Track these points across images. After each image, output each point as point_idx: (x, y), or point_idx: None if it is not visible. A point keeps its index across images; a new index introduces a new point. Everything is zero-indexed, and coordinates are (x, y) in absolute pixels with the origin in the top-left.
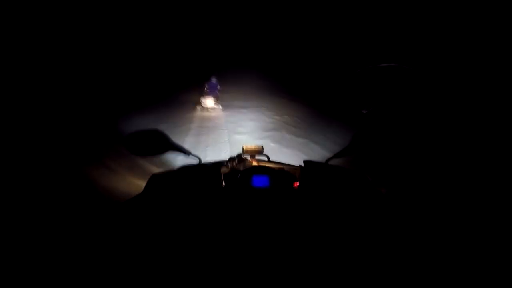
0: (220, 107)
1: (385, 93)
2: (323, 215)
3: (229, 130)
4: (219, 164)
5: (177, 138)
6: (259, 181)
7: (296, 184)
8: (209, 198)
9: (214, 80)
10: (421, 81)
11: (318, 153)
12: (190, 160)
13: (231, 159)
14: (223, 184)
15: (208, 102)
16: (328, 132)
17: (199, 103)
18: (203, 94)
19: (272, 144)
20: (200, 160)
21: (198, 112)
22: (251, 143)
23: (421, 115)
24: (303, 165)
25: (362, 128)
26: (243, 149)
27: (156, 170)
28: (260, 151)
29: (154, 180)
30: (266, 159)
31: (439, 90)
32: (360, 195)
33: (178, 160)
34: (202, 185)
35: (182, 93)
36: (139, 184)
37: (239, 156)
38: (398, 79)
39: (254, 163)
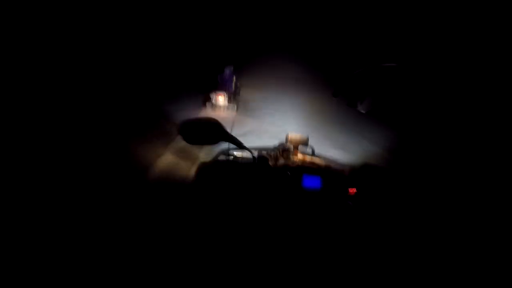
0: (235, 107)
1: (387, 93)
2: (380, 229)
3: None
4: (261, 152)
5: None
6: (311, 182)
7: (352, 190)
8: (258, 194)
9: (228, 71)
10: (422, 81)
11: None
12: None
13: (275, 147)
14: (272, 179)
15: (219, 99)
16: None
17: (208, 100)
18: (214, 89)
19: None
20: (251, 152)
21: (204, 112)
22: (295, 133)
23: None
24: (353, 164)
25: (404, 130)
26: (286, 137)
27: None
28: (305, 142)
29: (204, 170)
30: (310, 151)
31: (440, 91)
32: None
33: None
34: (252, 177)
35: (190, 88)
36: (185, 165)
37: (283, 145)
38: (399, 79)
39: (299, 156)
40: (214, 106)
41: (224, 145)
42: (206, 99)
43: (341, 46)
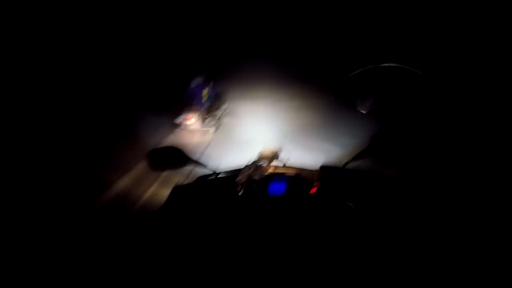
0: (214, 125)
1: (387, 93)
2: (339, 222)
3: None
4: (235, 173)
5: None
6: (275, 190)
7: (313, 190)
8: (226, 210)
9: (196, 81)
10: (423, 82)
11: (336, 155)
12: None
13: (247, 167)
14: (239, 194)
15: (190, 121)
16: (346, 133)
17: (177, 123)
18: (183, 107)
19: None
20: (214, 171)
21: (173, 139)
22: (267, 148)
23: (423, 115)
24: (321, 169)
25: (377, 128)
26: (259, 155)
27: (176, 178)
28: (276, 157)
29: (176, 193)
30: (281, 164)
31: (441, 91)
32: (378, 199)
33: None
34: (219, 197)
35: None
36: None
37: (254, 163)
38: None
39: (271, 170)
40: (186, 129)
41: (199, 170)
42: (174, 124)
43: (341, 46)
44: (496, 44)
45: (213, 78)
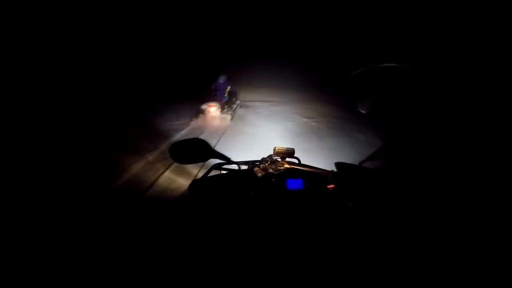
0: (229, 115)
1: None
2: (357, 217)
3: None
4: (252, 166)
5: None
6: (294, 184)
7: (330, 186)
8: (245, 202)
9: (222, 79)
10: (423, 81)
11: (349, 157)
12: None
13: (263, 160)
14: (259, 187)
15: (211, 109)
16: (359, 135)
17: (202, 111)
18: (208, 97)
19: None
20: (239, 166)
21: (196, 122)
22: (282, 145)
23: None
24: (335, 169)
25: (392, 130)
26: (274, 150)
27: (195, 170)
28: (291, 154)
29: (195, 186)
30: (296, 161)
31: (441, 91)
32: (389, 197)
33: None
34: (238, 188)
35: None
36: (179, 181)
37: (270, 157)
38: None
39: (286, 166)
40: (208, 116)
41: (214, 161)
42: (199, 109)
43: (340, 46)
44: (496, 43)
45: (231, 79)
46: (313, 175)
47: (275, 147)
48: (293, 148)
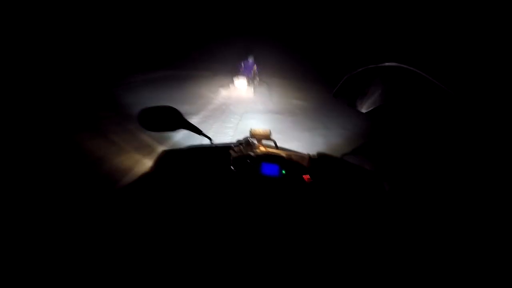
0: (253, 90)
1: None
2: (329, 211)
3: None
4: (227, 147)
5: (193, 115)
6: (269, 169)
7: (306, 177)
8: (218, 181)
9: (251, 60)
10: (424, 82)
11: (329, 142)
12: (200, 139)
13: (239, 142)
14: (232, 168)
15: (240, 83)
16: (344, 122)
17: (232, 82)
18: (237, 73)
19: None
20: (210, 140)
21: (226, 92)
22: (258, 127)
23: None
24: (311, 154)
25: (375, 124)
26: (250, 132)
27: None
28: (267, 136)
29: (165, 157)
30: (273, 144)
31: (441, 91)
32: (366, 192)
33: (187, 139)
34: (211, 166)
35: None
36: (145, 162)
37: (246, 140)
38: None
39: (262, 148)
40: (236, 87)
41: (182, 134)
42: (233, 80)
43: (341, 45)
44: (495, 43)
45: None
46: (289, 162)
47: (250, 129)
48: (269, 129)
